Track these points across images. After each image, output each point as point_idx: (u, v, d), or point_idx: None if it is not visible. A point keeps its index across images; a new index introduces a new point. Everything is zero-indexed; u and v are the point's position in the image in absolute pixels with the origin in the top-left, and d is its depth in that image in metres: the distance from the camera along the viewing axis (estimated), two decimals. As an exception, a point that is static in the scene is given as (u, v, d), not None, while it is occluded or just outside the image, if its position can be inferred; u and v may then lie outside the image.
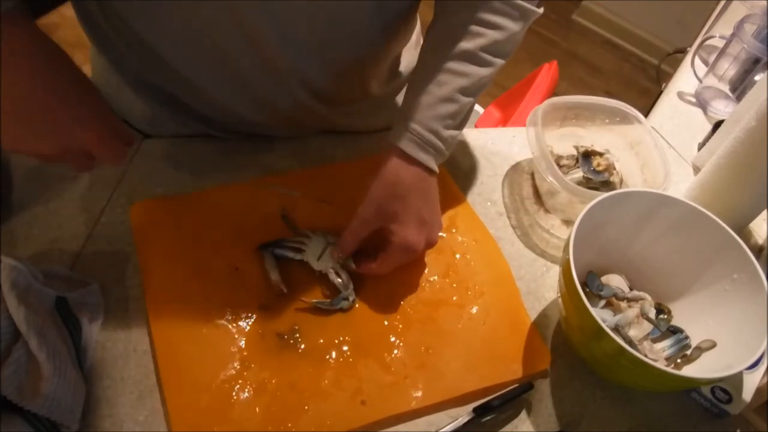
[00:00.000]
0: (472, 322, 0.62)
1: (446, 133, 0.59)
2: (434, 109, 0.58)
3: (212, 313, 0.58)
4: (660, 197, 0.62)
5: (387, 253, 0.60)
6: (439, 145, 0.58)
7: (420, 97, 0.58)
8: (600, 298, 0.64)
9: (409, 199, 0.58)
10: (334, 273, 0.61)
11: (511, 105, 1.49)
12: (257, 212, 0.66)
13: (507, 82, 2.25)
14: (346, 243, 0.61)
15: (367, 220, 0.59)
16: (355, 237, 0.60)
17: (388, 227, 0.59)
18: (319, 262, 0.62)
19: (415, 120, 0.57)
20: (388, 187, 0.58)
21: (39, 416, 0.46)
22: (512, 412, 0.58)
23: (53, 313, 0.52)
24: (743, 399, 0.58)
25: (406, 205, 0.58)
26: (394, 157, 0.58)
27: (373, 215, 0.59)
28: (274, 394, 0.54)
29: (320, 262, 0.62)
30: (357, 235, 0.60)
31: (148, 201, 0.65)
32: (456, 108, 0.59)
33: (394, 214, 0.58)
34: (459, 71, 0.58)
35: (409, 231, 0.59)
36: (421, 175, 0.58)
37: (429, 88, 0.58)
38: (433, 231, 0.61)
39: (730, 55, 0.95)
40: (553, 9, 2.69)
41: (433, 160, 0.59)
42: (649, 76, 2.53)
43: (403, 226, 0.58)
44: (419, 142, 0.58)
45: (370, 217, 0.59)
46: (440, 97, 0.58)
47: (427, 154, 0.58)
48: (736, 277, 0.58)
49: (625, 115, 0.78)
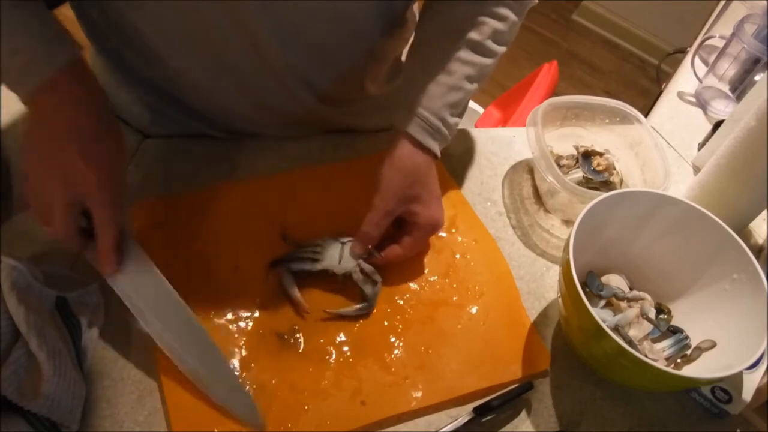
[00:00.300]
0: (472, 323, 0.62)
1: (452, 120, 0.61)
2: (443, 98, 0.59)
3: (212, 312, 0.58)
4: (660, 197, 0.62)
5: (413, 235, 0.61)
6: (445, 132, 0.60)
7: (429, 86, 0.59)
8: (600, 298, 0.64)
9: (427, 182, 0.61)
10: (359, 271, 0.60)
11: (511, 105, 1.49)
12: (258, 212, 0.66)
13: (507, 82, 2.25)
14: (369, 237, 0.60)
15: (390, 210, 0.59)
16: (379, 228, 0.60)
17: (412, 210, 0.60)
18: (341, 265, 0.60)
19: (426, 108, 0.59)
20: (406, 174, 0.59)
21: (39, 416, 0.47)
22: (512, 412, 0.58)
23: (53, 313, 0.52)
24: (743, 399, 0.58)
25: (425, 187, 0.61)
26: (407, 144, 0.59)
27: (396, 203, 0.59)
28: (274, 394, 0.54)
29: (342, 265, 0.60)
30: (381, 226, 0.60)
31: (149, 200, 0.65)
32: (462, 96, 0.61)
33: (416, 197, 0.60)
34: (466, 60, 0.60)
35: (433, 209, 0.61)
36: (430, 160, 0.61)
37: (438, 76, 0.59)
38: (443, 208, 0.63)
39: (730, 55, 0.94)
40: (553, 9, 2.69)
41: (438, 146, 0.60)
42: (649, 76, 2.53)
43: (427, 206, 0.61)
44: (429, 130, 0.59)
45: (392, 205, 0.59)
46: (449, 85, 0.59)
47: (435, 141, 0.60)
48: (736, 277, 0.58)
49: (625, 115, 0.78)
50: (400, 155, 0.59)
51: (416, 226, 0.61)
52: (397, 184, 0.59)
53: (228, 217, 0.65)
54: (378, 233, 0.60)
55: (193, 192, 0.67)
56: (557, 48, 2.58)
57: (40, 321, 0.49)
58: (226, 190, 0.68)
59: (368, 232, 0.60)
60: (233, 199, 0.67)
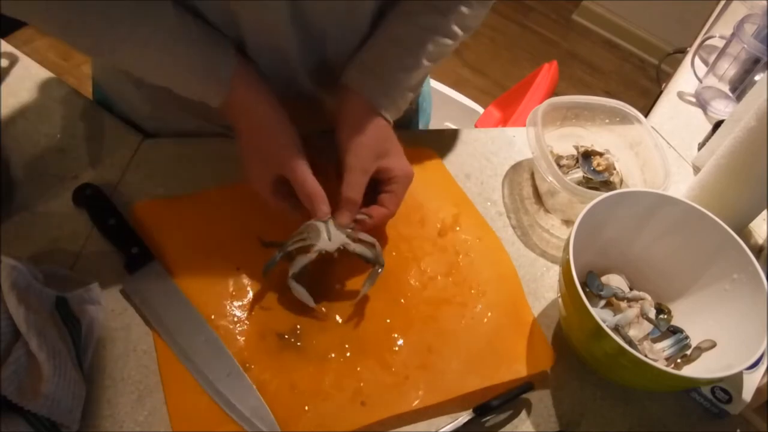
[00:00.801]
0: (474, 321, 0.62)
1: (408, 96, 0.64)
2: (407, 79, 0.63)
3: (213, 313, 0.58)
4: (660, 197, 0.62)
5: (393, 190, 0.61)
6: (399, 103, 0.63)
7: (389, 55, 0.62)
8: (600, 298, 0.64)
9: (392, 137, 0.63)
10: (352, 242, 0.59)
11: (511, 105, 1.49)
12: (258, 212, 0.66)
13: (507, 82, 2.26)
14: (351, 201, 0.59)
15: (365, 168, 0.59)
16: (359, 189, 0.59)
17: (385, 166, 0.61)
18: (332, 242, 0.58)
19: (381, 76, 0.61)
20: (371, 131, 0.60)
21: (39, 416, 0.47)
22: (512, 412, 0.58)
23: (53, 313, 0.52)
24: (743, 399, 0.58)
25: (392, 143, 0.62)
26: (366, 107, 0.61)
27: (370, 160, 0.60)
28: (274, 394, 0.54)
29: (333, 241, 0.58)
30: (360, 186, 0.59)
31: (150, 201, 0.65)
32: (422, 75, 0.65)
33: (387, 152, 0.61)
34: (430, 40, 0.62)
35: (403, 160, 0.63)
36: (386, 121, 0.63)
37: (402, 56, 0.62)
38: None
39: (730, 55, 0.94)
40: (553, 9, 2.70)
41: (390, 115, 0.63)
42: (649, 76, 2.53)
43: (399, 158, 0.62)
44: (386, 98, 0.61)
45: (367, 163, 0.60)
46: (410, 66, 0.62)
47: (388, 109, 0.62)
48: (736, 277, 0.58)
49: (625, 115, 0.78)
50: (361, 116, 0.60)
51: (394, 179, 0.61)
52: (365, 142, 0.59)
53: (228, 217, 0.65)
54: (359, 196, 0.59)
55: (194, 193, 0.67)
56: (557, 48, 2.58)
57: (40, 321, 0.49)
58: (228, 190, 0.68)
59: (350, 197, 0.59)
60: (234, 200, 0.67)
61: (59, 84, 0.75)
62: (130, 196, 0.66)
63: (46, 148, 0.68)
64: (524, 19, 2.63)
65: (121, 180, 0.67)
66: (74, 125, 0.71)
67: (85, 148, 0.69)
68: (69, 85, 0.75)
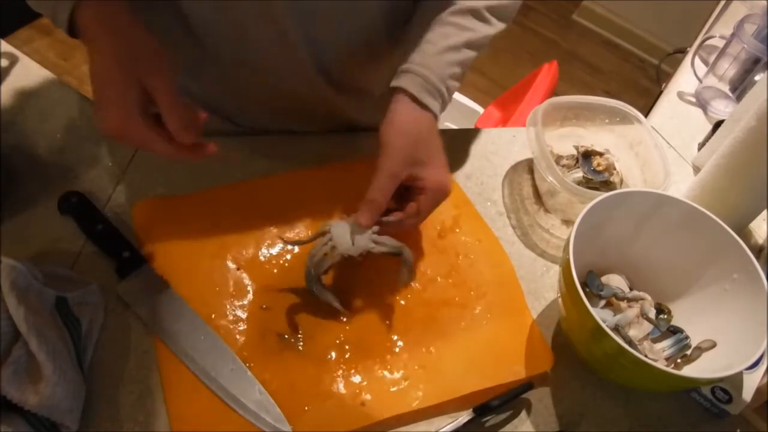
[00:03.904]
0: (474, 323, 0.62)
1: (450, 83, 0.60)
2: (443, 57, 0.58)
3: (213, 312, 0.58)
4: (660, 197, 0.62)
5: (421, 201, 0.58)
6: (445, 94, 0.59)
7: (427, 47, 0.58)
8: (600, 298, 0.64)
9: (432, 143, 0.59)
10: (375, 245, 0.57)
11: (511, 105, 1.49)
12: (258, 212, 0.66)
13: (507, 82, 2.25)
14: (375, 204, 0.56)
15: (395, 172, 0.56)
16: (385, 193, 0.56)
17: (417, 175, 0.57)
18: (355, 246, 0.56)
19: (424, 66, 0.58)
20: (409, 133, 0.57)
21: (39, 416, 0.47)
22: (512, 412, 0.58)
23: (53, 313, 0.52)
24: (743, 399, 0.58)
25: (430, 150, 0.58)
26: (406, 102, 0.57)
27: (401, 165, 0.56)
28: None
29: (356, 246, 0.56)
30: (387, 191, 0.56)
31: (151, 200, 0.65)
32: (462, 58, 0.60)
33: (421, 160, 0.57)
34: (465, 26, 0.60)
35: (440, 172, 0.58)
36: (433, 121, 0.59)
37: (437, 40, 0.59)
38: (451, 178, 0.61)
39: (730, 55, 0.95)
40: (553, 9, 2.69)
41: (438, 106, 0.59)
42: (649, 76, 2.53)
43: (434, 169, 0.58)
44: (429, 88, 0.58)
45: (398, 167, 0.56)
46: (447, 46, 0.58)
47: (435, 101, 0.58)
48: (736, 277, 0.58)
49: (625, 115, 0.78)
50: (400, 114, 0.57)
51: (423, 191, 0.57)
52: (400, 145, 0.56)
53: (230, 217, 0.65)
54: (384, 199, 0.56)
55: (194, 193, 0.67)
56: (557, 48, 2.58)
57: (40, 321, 0.49)
58: (227, 190, 0.68)
59: (374, 199, 0.56)
60: (234, 200, 0.67)
61: (59, 84, 0.75)
62: (130, 195, 0.66)
63: (46, 148, 0.69)
64: (524, 19, 2.63)
65: (121, 180, 0.67)
66: (74, 125, 0.71)
67: (85, 148, 0.69)
68: (69, 85, 0.75)
